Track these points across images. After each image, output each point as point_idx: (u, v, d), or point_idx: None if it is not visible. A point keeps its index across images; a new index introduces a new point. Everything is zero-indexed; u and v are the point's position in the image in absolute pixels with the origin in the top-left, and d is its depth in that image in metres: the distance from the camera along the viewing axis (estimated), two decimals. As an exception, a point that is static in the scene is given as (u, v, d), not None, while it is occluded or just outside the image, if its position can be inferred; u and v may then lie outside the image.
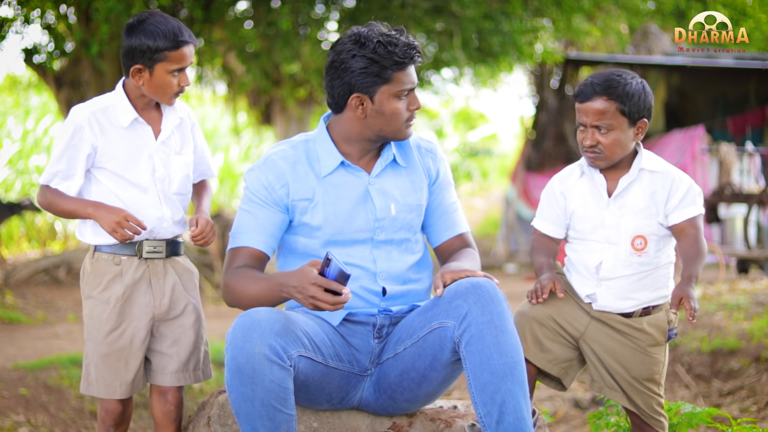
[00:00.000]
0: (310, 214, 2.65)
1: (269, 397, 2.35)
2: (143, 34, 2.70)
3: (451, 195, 2.83)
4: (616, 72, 2.68)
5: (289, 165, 2.66)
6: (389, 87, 2.59)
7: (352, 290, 2.64)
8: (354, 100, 2.60)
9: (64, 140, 2.74)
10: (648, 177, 2.68)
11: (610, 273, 2.69)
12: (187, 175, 2.89)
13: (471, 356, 2.42)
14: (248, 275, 2.58)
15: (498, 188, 21.98)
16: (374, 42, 2.55)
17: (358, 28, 2.61)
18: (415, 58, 2.60)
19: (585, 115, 2.66)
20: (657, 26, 13.05)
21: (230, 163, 16.73)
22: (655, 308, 2.74)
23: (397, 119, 2.63)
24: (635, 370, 2.72)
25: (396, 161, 2.73)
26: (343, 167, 2.68)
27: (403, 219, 2.71)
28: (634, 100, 2.63)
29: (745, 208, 9.45)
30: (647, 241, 2.68)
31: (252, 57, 9.37)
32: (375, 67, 2.56)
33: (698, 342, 5.90)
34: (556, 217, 2.80)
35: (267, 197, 2.64)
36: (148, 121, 2.81)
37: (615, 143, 2.64)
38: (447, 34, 9.56)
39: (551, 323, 2.73)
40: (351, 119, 2.64)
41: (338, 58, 2.59)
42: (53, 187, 2.77)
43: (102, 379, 2.81)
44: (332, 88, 2.62)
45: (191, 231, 2.81)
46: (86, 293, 2.83)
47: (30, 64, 8.81)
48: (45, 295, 9.03)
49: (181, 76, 2.76)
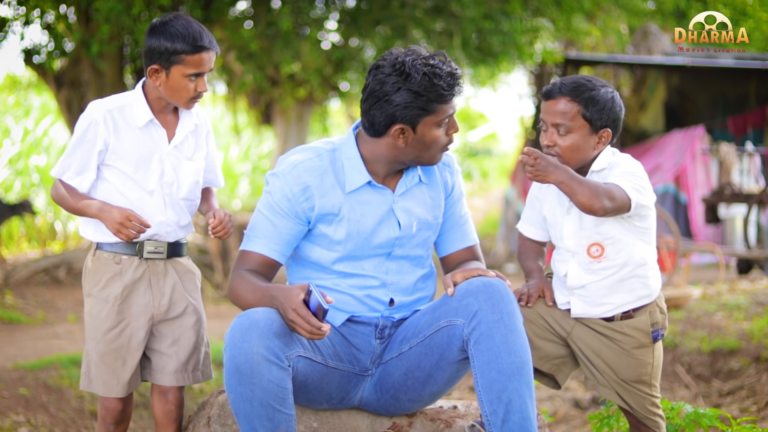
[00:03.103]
0: (334, 227, 2.63)
1: (268, 397, 2.36)
2: (163, 35, 2.69)
3: (462, 206, 2.82)
4: (587, 77, 2.65)
5: (315, 178, 2.62)
6: (432, 117, 2.56)
7: (358, 297, 2.65)
8: (396, 131, 2.57)
9: (78, 134, 2.75)
10: (598, 177, 2.62)
11: (576, 282, 2.66)
12: (197, 181, 2.88)
13: (479, 354, 2.43)
14: (250, 281, 2.57)
15: (498, 188, 21.99)
16: (420, 74, 2.51)
17: (400, 54, 2.56)
18: (459, 88, 2.58)
19: (546, 114, 2.63)
20: (657, 26, 13.05)
21: (230, 163, 16.73)
22: (637, 311, 2.69)
23: (435, 146, 2.61)
24: (622, 372, 2.70)
25: (420, 180, 2.72)
26: (368, 185, 2.66)
27: (421, 236, 2.71)
28: (598, 106, 2.59)
29: (745, 208, 9.45)
30: (604, 248, 2.62)
31: (252, 57, 9.37)
32: (420, 101, 2.53)
33: (698, 342, 5.90)
34: (536, 221, 2.80)
35: (289, 208, 2.61)
36: (163, 123, 2.81)
37: (572, 147, 2.61)
38: (447, 34, 9.56)
39: (540, 321, 2.73)
40: (389, 146, 2.61)
41: (381, 89, 2.54)
42: (66, 182, 2.77)
43: (101, 377, 2.82)
44: (373, 117, 2.58)
45: (210, 223, 2.79)
46: (87, 291, 2.84)
47: (30, 64, 8.81)
48: (45, 295, 9.02)
49: (198, 81, 2.74)
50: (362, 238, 2.64)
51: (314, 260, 2.67)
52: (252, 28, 9.33)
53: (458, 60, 9.77)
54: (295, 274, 2.73)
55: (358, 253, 2.65)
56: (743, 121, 12.55)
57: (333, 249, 2.64)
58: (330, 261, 2.65)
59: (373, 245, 2.65)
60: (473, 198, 21.92)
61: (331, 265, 2.65)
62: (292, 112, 13.21)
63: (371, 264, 2.66)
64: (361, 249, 2.64)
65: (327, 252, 2.65)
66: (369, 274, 2.66)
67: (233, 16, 9.41)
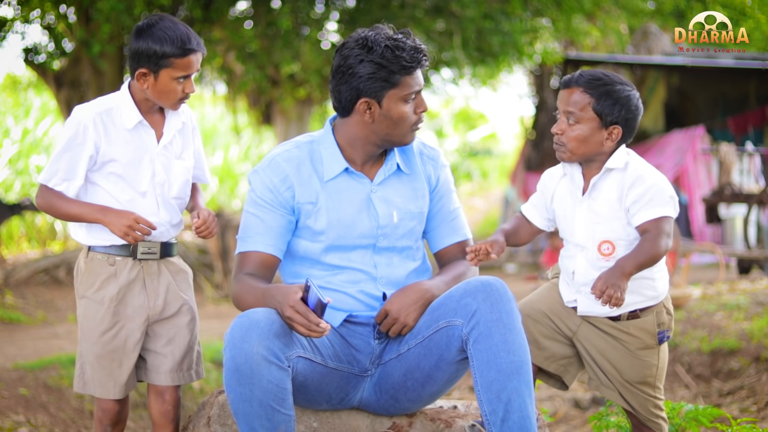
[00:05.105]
0: (313, 217, 2.65)
1: (267, 397, 2.36)
2: (151, 38, 2.68)
3: (452, 201, 2.82)
4: (608, 73, 2.65)
5: (293, 167, 2.66)
6: (397, 91, 2.58)
7: (351, 294, 2.66)
8: (362, 105, 2.60)
9: (66, 139, 2.72)
10: (614, 176, 2.62)
11: (584, 278, 2.65)
12: (187, 179, 2.87)
13: (478, 354, 2.43)
14: (249, 284, 2.58)
15: (498, 188, 22.00)
16: (382, 46, 2.54)
17: (364, 31, 2.60)
18: (422, 61, 2.60)
19: (560, 102, 2.65)
20: (657, 26, 13.06)
21: (230, 163, 16.73)
22: (644, 311, 2.68)
23: (404, 123, 2.62)
24: (627, 373, 2.70)
25: (399, 168, 2.73)
26: (346, 173, 2.68)
27: (405, 227, 2.71)
28: (610, 102, 2.59)
29: (745, 208, 9.46)
30: (615, 246, 2.61)
31: (252, 57, 9.37)
32: (383, 72, 2.55)
33: (698, 342, 5.90)
34: (540, 205, 2.78)
35: (273, 200, 2.64)
36: (151, 124, 2.80)
37: (578, 138, 2.60)
38: (447, 34, 9.57)
39: (546, 320, 2.73)
40: (358, 123, 2.64)
41: (345, 63, 2.58)
42: (53, 189, 2.74)
43: (97, 379, 2.81)
44: (339, 93, 2.62)
45: (194, 223, 2.80)
46: (80, 293, 2.82)
47: (30, 64, 8.82)
48: (45, 295, 9.03)
49: (186, 83, 2.74)
50: (343, 227, 2.65)
51: (303, 254, 2.68)
52: (252, 28, 9.34)
53: (458, 60, 9.78)
54: (287, 270, 2.74)
55: (342, 242, 2.65)
56: (743, 121, 12.56)
57: (317, 240, 2.66)
58: (317, 252, 2.66)
59: (356, 234, 2.66)
60: (473, 198, 21.93)
61: (320, 256, 2.66)
62: (292, 112, 13.23)
63: (358, 256, 2.67)
64: (344, 238, 2.65)
65: (312, 244, 2.66)
66: (358, 268, 2.67)
67: (233, 16, 9.42)
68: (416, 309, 2.62)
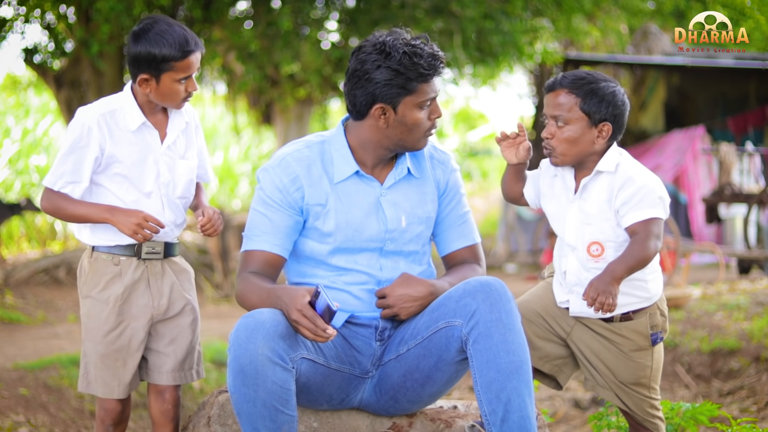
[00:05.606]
0: (322, 219, 2.64)
1: (271, 398, 2.36)
2: (149, 43, 2.67)
3: (461, 205, 2.81)
4: (590, 72, 2.65)
5: (303, 168, 2.64)
6: (413, 98, 2.57)
7: (355, 293, 2.66)
8: (377, 110, 2.58)
9: (70, 141, 2.71)
10: (605, 178, 2.61)
11: (575, 278, 2.65)
12: (191, 179, 2.87)
13: (478, 354, 2.43)
14: (254, 283, 2.57)
15: (498, 188, 21.95)
16: (399, 53, 2.52)
17: (382, 35, 2.58)
18: (439, 69, 2.58)
19: (547, 106, 2.64)
20: (657, 26, 13.05)
21: (230, 163, 16.72)
22: (636, 313, 2.67)
23: (418, 129, 2.62)
24: (621, 374, 2.70)
25: (410, 172, 2.72)
26: (356, 176, 2.67)
27: (413, 231, 2.71)
28: (596, 99, 2.58)
29: (745, 208, 9.46)
30: (604, 248, 2.61)
31: (252, 57, 9.37)
32: (400, 79, 2.54)
33: (698, 342, 5.90)
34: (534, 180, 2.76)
35: (282, 200, 2.63)
36: (155, 124, 2.79)
37: (569, 139, 2.60)
38: (447, 34, 9.56)
39: (540, 320, 2.72)
40: (372, 127, 2.63)
41: (362, 68, 2.56)
42: (59, 191, 2.73)
43: (101, 379, 2.81)
44: (354, 97, 2.60)
45: (199, 221, 2.80)
46: (84, 293, 2.82)
47: (30, 64, 8.82)
48: (45, 295, 9.02)
49: (188, 83, 2.73)
50: (352, 230, 2.64)
51: (309, 255, 2.68)
52: (252, 28, 9.33)
53: (458, 60, 9.77)
54: (292, 270, 2.73)
55: (349, 245, 2.65)
56: (743, 121, 12.56)
57: (325, 241, 2.65)
58: (324, 254, 2.65)
59: (364, 238, 2.65)
60: (473, 198, 21.92)
61: (326, 258, 2.65)
62: (292, 112, 13.22)
63: (365, 258, 2.67)
64: (352, 241, 2.65)
65: (319, 245, 2.65)
66: (363, 270, 2.66)
67: (233, 16, 9.41)
68: (415, 307, 2.62)
